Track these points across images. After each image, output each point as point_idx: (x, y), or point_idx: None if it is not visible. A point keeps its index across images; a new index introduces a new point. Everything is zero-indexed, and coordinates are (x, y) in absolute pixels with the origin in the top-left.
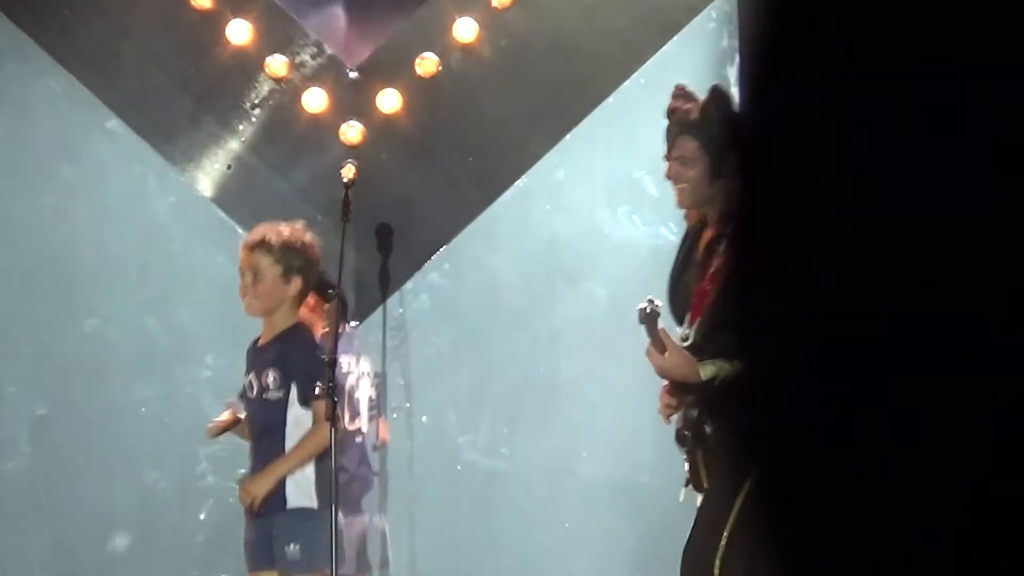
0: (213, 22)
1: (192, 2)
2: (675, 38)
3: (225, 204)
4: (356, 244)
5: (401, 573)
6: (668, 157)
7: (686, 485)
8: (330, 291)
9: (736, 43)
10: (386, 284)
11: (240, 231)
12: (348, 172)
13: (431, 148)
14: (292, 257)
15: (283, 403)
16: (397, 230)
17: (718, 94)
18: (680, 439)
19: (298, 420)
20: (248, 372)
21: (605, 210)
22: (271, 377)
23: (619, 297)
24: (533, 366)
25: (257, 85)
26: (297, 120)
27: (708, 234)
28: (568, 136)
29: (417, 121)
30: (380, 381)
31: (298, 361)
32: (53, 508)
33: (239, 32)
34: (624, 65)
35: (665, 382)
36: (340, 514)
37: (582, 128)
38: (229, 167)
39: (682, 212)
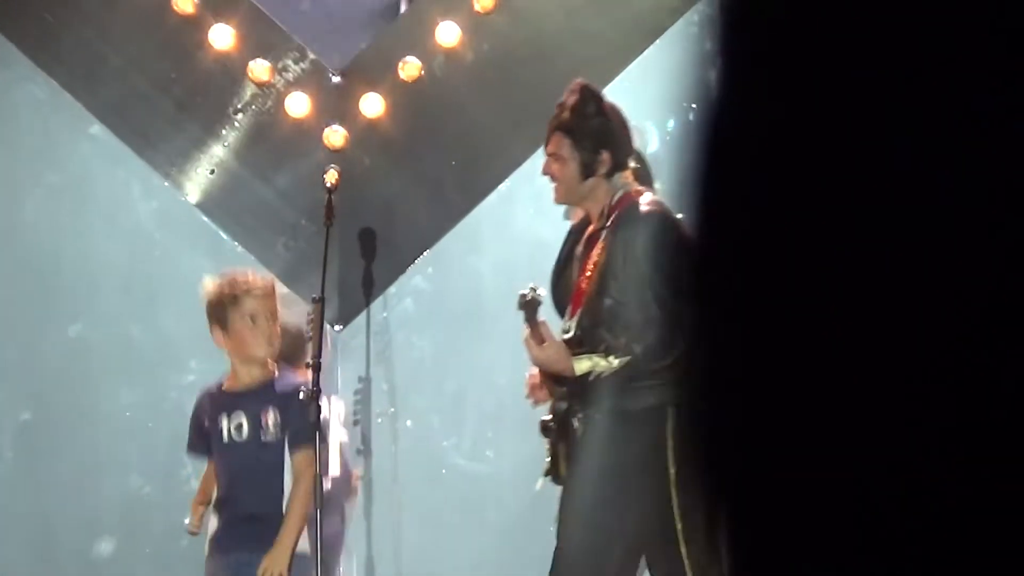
0: (195, 27)
1: (174, 7)
2: (658, 41)
3: (209, 209)
4: (339, 248)
5: (387, 572)
6: (545, 153)
7: (545, 475)
8: (313, 296)
9: (718, 47)
10: (370, 288)
11: (224, 236)
12: (331, 177)
13: (414, 152)
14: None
15: (280, 446)
16: (380, 234)
17: (588, 92)
18: (545, 430)
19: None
20: (228, 414)
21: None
22: (271, 418)
23: None
24: (517, 370)
25: (240, 90)
26: (280, 125)
27: (589, 230)
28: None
29: (400, 125)
30: (364, 386)
31: (299, 406)
32: (37, 513)
33: (222, 37)
34: (607, 68)
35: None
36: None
37: None
38: (212, 172)
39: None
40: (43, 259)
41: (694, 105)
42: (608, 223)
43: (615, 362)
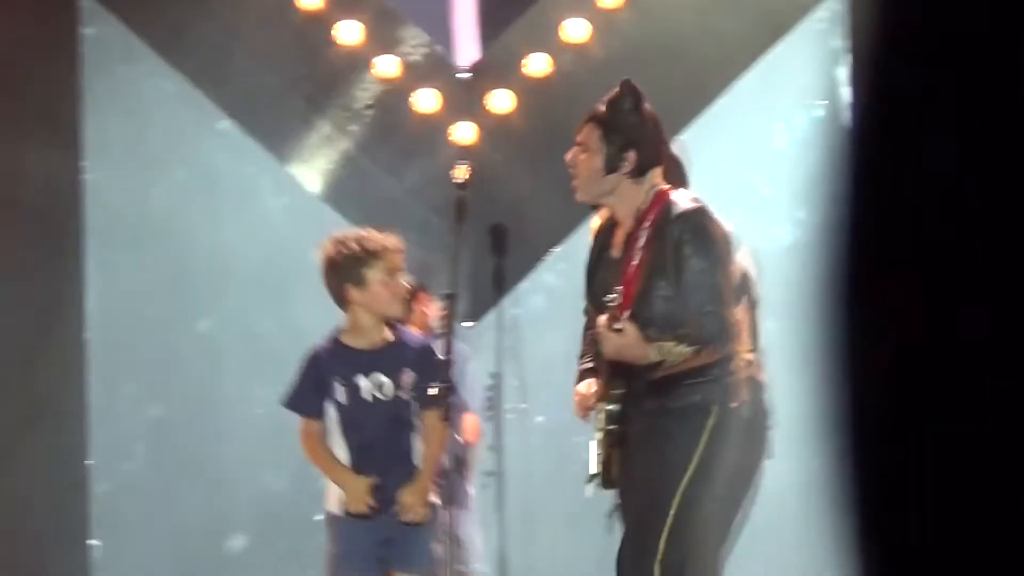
0: (323, 22)
1: (301, 3)
2: (785, 38)
3: (338, 204)
4: (470, 245)
5: (520, 568)
6: (575, 142)
7: (591, 481)
8: (444, 292)
9: (847, 43)
10: (500, 285)
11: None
12: (461, 172)
13: (544, 148)
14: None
15: (413, 405)
16: (511, 230)
17: (628, 89)
18: (608, 435)
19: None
20: (367, 373)
21: (716, 210)
22: (408, 378)
23: None
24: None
25: (368, 86)
26: (408, 121)
27: (622, 232)
28: (681, 136)
29: (529, 121)
30: (496, 382)
31: (429, 368)
32: (169, 509)
33: (350, 32)
34: (735, 65)
35: (583, 383)
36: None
37: (693, 128)
38: (342, 168)
39: (796, 214)
40: (172, 255)
41: (822, 102)
42: (648, 222)
43: (687, 349)
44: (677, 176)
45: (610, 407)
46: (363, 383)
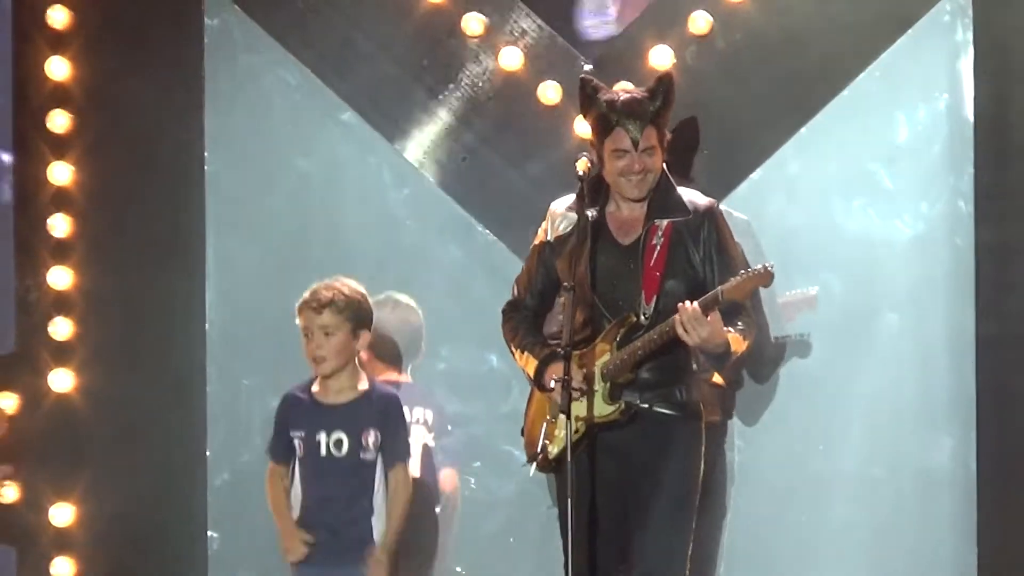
0: (447, 13)
1: None
2: (909, 31)
3: (460, 197)
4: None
5: None
6: (636, 150)
7: (531, 462)
8: (565, 284)
9: (970, 36)
10: None
11: (475, 224)
12: (583, 164)
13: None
14: (358, 312)
15: (374, 464)
16: None
17: (669, 83)
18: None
19: (381, 481)
20: (321, 429)
21: (839, 203)
22: (372, 438)
23: (854, 290)
24: (767, 359)
25: (491, 77)
26: (531, 112)
27: (624, 219)
28: (803, 129)
29: None
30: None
31: (395, 424)
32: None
33: (473, 24)
34: (859, 58)
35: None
36: None
37: (817, 121)
38: (464, 159)
39: (918, 207)
40: (294, 246)
41: (945, 95)
42: (666, 214)
43: (745, 340)
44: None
45: (614, 397)
46: (322, 439)
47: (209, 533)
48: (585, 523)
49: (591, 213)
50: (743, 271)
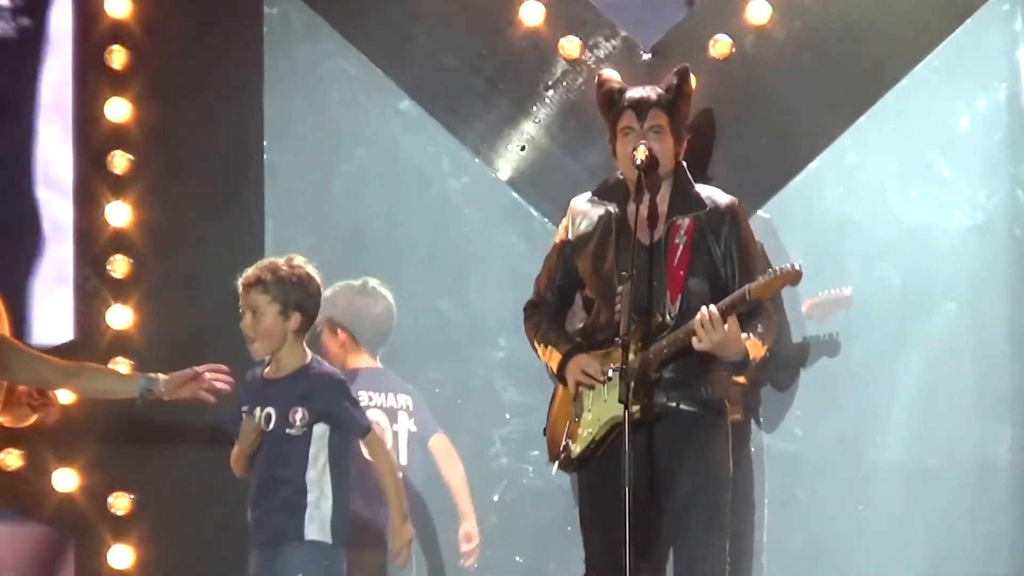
0: (506, 3)
1: None
2: (968, 20)
3: (519, 186)
4: None
5: None
6: (640, 128)
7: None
8: (623, 273)
9: None
10: None
11: (534, 213)
12: (641, 154)
13: (724, 130)
14: (289, 292)
15: (306, 441)
16: None
17: (686, 75)
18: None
19: (317, 457)
20: (258, 405)
21: (898, 192)
22: (299, 415)
23: (912, 280)
24: (826, 348)
25: (550, 67)
26: (591, 102)
27: (645, 215)
28: (862, 118)
29: (710, 103)
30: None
31: (326, 403)
32: None
33: (532, 13)
34: (917, 48)
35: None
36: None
37: (875, 111)
38: (523, 149)
39: (977, 196)
40: (352, 234)
41: (1004, 84)
42: (685, 211)
43: (764, 345)
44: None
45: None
46: (257, 414)
47: None
48: (607, 522)
49: (612, 209)
50: (770, 269)
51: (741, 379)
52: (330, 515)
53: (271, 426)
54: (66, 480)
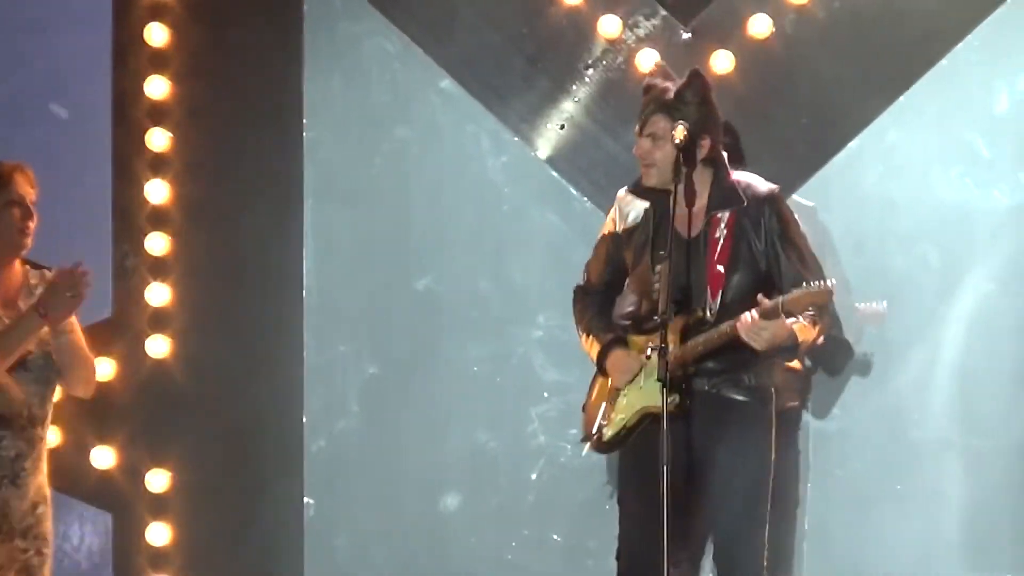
0: None
1: None
2: (1009, 0)
3: (558, 165)
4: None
5: None
6: (640, 134)
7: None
8: (661, 252)
9: None
10: None
11: (573, 192)
12: (679, 133)
13: (764, 109)
14: None
15: None
16: None
17: (697, 79)
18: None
19: None
20: None
21: (938, 172)
22: None
23: (952, 260)
24: (864, 328)
25: (590, 46)
26: (630, 81)
27: (688, 211)
28: (901, 98)
29: (750, 82)
30: None
31: None
32: (383, 467)
33: None
34: (958, 28)
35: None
36: None
37: (915, 90)
38: (562, 127)
39: (1017, 176)
40: (392, 213)
41: None
42: (724, 205)
43: (815, 329)
44: (735, 155)
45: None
46: None
47: (305, 499)
48: (641, 508)
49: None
50: (806, 283)
51: (795, 364)
52: None
53: None
54: (104, 458)
